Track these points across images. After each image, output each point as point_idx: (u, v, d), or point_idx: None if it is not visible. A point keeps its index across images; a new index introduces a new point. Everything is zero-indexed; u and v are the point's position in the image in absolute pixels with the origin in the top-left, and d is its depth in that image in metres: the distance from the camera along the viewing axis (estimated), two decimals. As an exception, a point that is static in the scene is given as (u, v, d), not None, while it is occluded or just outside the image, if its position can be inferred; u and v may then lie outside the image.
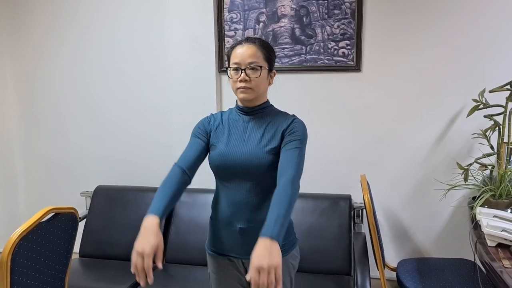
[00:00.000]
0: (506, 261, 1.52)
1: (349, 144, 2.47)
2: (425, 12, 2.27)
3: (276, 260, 1.11)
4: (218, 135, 1.44)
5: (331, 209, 2.32)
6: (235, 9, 2.48)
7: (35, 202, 2.99)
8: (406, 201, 2.46)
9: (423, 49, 2.31)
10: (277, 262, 1.11)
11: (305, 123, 1.45)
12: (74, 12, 2.70)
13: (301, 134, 1.39)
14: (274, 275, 1.10)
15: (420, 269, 2.08)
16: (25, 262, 1.52)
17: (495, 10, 2.20)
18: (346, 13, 2.35)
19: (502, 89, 2.04)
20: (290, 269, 1.48)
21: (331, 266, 2.21)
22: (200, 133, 1.47)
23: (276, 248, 1.14)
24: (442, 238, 2.43)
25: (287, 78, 2.46)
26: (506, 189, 1.95)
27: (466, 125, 2.27)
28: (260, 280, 1.08)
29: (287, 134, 1.39)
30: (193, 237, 2.39)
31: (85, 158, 2.85)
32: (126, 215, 2.52)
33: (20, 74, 2.87)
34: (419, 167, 2.41)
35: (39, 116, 2.88)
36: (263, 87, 1.41)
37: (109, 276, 2.25)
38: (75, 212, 1.76)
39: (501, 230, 1.63)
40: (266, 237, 1.15)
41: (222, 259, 1.48)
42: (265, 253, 1.11)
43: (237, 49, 1.37)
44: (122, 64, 2.68)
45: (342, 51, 2.40)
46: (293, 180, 1.29)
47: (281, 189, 1.27)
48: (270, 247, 1.13)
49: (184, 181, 1.36)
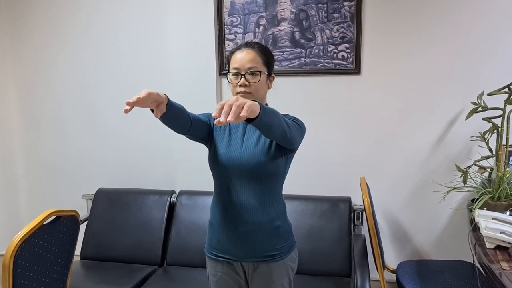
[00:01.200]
0: (504, 263, 1.53)
1: (348, 146, 2.48)
2: (424, 15, 2.29)
3: (249, 101, 1.05)
4: (220, 135, 1.46)
5: (331, 211, 2.33)
6: (235, 12, 2.50)
7: (36, 205, 3.01)
8: (405, 203, 2.46)
9: (422, 52, 2.32)
10: (250, 102, 1.05)
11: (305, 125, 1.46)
12: (74, 16, 2.71)
13: (299, 122, 1.41)
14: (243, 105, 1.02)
15: (419, 271, 2.09)
16: (27, 264, 1.53)
17: (493, 13, 2.21)
18: (345, 16, 2.37)
19: (500, 92, 2.05)
20: (289, 272, 1.49)
21: (331, 268, 2.22)
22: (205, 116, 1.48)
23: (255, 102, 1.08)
24: (441, 240, 2.44)
25: (287, 81, 2.47)
26: (504, 191, 1.96)
27: (465, 127, 2.28)
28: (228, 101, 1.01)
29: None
30: (193, 240, 2.40)
31: (86, 161, 2.86)
32: (127, 217, 2.54)
33: (21, 78, 2.89)
34: (419, 170, 2.42)
35: (40, 119, 2.90)
36: (263, 92, 1.42)
37: (110, 278, 2.26)
38: (76, 215, 1.77)
39: (499, 232, 1.64)
40: None
41: (221, 262, 1.48)
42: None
43: (237, 54, 1.39)
44: (123, 68, 2.70)
45: (342, 54, 2.41)
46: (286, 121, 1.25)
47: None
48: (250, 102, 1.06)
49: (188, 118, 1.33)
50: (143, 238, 2.47)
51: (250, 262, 1.45)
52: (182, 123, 1.33)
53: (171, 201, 2.54)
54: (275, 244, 1.44)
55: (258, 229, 1.41)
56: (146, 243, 2.46)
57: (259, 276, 1.45)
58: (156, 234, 2.47)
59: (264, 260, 1.43)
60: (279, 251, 1.45)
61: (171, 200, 2.54)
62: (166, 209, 2.51)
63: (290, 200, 1.65)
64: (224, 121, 0.97)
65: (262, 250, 1.43)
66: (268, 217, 1.42)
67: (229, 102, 1.01)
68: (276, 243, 1.44)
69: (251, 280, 1.48)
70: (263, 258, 1.43)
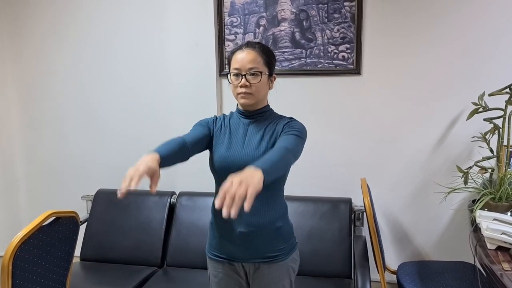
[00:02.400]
0: (505, 264, 1.52)
1: (349, 147, 2.48)
2: (424, 15, 2.28)
3: (253, 180, 1.04)
4: (220, 137, 1.46)
5: (331, 213, 2.32)
6: (235, 13, 2.50)
7: (36, 206, 3.00)
8: (406, 204, 2.46)
9: (423, 53, 2.31)
10: (254, 182, 1.04)
11: (305, 126, 1.46)
12: (74, 17, 2.71)
13: (300, 130, 1.40)
14: (246, 192, 1.01)
15: (420, 272, 2.08)
16: (26, 266, 1.52)
17: (494, 13, 2.21)
18: (346, 17, 2.37)
19: (501, 92, 2.05)
20: (290, 273, 1.49)
21: (331, 269, 2.21)
22: (203, 125, 1.48)
23: (258, 174, 1.07)
24: (442, 241, 2.44)
25: (287, 81, 2.47)
26: (506, 192, 1.95)
27: (466, 128, 2.27)
28: (231, 189, 1.01)
29: (285, 130, 1.39)
30: (194, 240, 2.40)
31: (86, 162, 2.85)
32: (127, 218, 2.53)
33: (21, 79, 2.88)
34: (419, 170, 2.41)
35: (40, 120, 2.89)
36: (264, 92, 1.42)
37: (110, 279, 2.25)
38: (76, 216, 1.77)
39: (500, 233, 1.64)
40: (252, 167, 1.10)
41: (222, 262, 1.48)
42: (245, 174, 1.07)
43: (237, 54, 1.38)
44: (123, 69, 2.69)
45: (342, 55, 2.41)
46: (288, 148, 1.26)
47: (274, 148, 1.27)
48: (251, 172, 1.08)
49: (184, 149, 1.35)
50: (143, 239, 2.46)
51: (251, 263, 1.45)
52: (181, 158, 1.34)
53: (171, 202, 2.53)
54: (276, 245, 1.44)
55: (260, 230, 1.41)
56: (146, 244, 2.45)
57: (260, 277, 1.45)
58: (156, 235, 2.46)
59: (265, 261, 1.43)
60: (280, 252, 1.44)
61: (171, 201, 2.54)
62: (166, 210, 2.51)
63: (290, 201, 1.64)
64: (226, 215, 0.98)
65: (263, 251, 1.43)
66: (269, 218, 1.42)
67: (231, 192, 1.00)
68: (277, 244, 1.44)
69: (252, 281, 1.47)
70: (264, 259, 1.43)
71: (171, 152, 1.29)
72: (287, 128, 1.39)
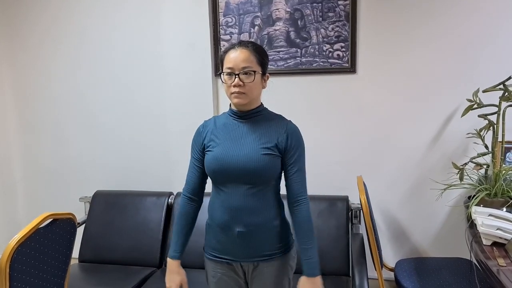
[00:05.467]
0: (501, 260, 1.53)
1: (345, 145, 2.48)
2: (419, 13, 2.29)
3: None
4: (213, 140, 1.45)
5: (328, 211, 2.33)
6: (230, 13, 2.50)
7: (34, 208, 3.00)
8: (403, 201, 2.47)
9: (417, 50, 2.32)
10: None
11: (301, 125, 1.47)
12: (70, 19, 2.71)
13: (300, 146, 1.44)
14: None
15: (417, 269, 2.09)
16: (23, 268, 1.52)
17: (488, 10, 2.21)
18: (340, 15, 2.37)
19: (495, 89, 2.06)
20: (289, 270, 1.50)
21: (329, 267, 2.21)
22: (196, 152, 1.50)
23: (318, 280, 1.40)
24: (439, 238, 2.44)
25: (283, 81, 2.47)
26: (501, 188, 1.96)
27: (461, 125, 2.28)
28: None
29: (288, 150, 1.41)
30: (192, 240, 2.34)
31: (84, 163, 2.86)
32: (124, 219, 2.53)
33: (18, 81, 2.88)
34: (415, 167, 2.42)
35: (37, 122, 2.89)
36: (257, 92, 1.42)
37: (108, 280, 2.25)
38: (73, 218, 1.77)
39: (496, 229, 1.65)
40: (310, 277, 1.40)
41: (220, 262, 1.48)
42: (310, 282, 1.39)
43: (230, 53, 1.38)
44: (119, 70, 2.70)
45: (337, 53, 2.41)
46: (309, 205, 1.44)
47: (306, 221, 1.42)
48: (314, 280, 1.39)
49: (194, 209, 1.53)
50: (141, 240, 2.46)
51: (250, 262, 1.45)
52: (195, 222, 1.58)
53: (168, 203, 2.54)
54: (274, 243, 1.44)
55: (257, 229, 1.41)
56: (144, 245, 2.45)
57: (258, 276, 1.46)
58: (154, 236, 2.46)
59: (264, 259, 1.44)
60: (278, 250, 1.45)
61: (168, 201, 2.54)
62: (163, 210, 2.51)
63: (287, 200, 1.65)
64: None
65: (261, 249, 1.43)
66: (266, 217, 1.42)
67: None
68: (275, 243, 1.45)
69: (250, 280, 1.48)
70: (262, 257, 1.43)
71: (184, 238, 1.53)
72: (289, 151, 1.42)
